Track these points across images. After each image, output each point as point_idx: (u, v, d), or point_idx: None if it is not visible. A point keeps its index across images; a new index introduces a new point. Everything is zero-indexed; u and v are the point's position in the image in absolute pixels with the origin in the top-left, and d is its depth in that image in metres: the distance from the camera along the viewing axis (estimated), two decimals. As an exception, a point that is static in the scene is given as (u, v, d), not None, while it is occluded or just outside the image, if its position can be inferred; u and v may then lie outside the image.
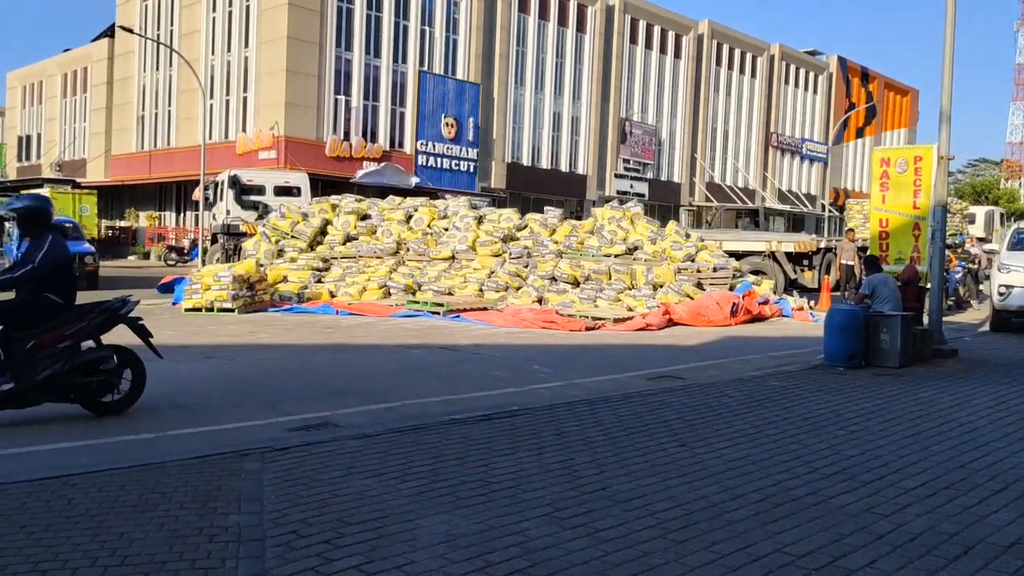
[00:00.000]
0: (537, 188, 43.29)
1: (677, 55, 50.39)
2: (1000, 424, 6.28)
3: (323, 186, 31.05)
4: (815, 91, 60.01)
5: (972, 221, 31.81)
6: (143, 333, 6.46)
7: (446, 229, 17.29)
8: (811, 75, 59.49)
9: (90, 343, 6.29)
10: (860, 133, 61.15)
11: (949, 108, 10.13)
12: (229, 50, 37.40)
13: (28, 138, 54.80)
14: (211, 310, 13.57)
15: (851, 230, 20.00)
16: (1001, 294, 13.05)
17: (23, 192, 32.54)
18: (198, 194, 27.88)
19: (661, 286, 14.73)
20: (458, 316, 13.74)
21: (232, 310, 13.50)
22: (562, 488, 4.40)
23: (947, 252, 14.82)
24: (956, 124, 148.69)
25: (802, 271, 19.83)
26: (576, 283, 15.22)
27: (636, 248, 15.95)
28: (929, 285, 10.62)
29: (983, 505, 4.21)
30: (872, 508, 4.13)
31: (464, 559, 3.39)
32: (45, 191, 33.89)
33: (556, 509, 4.05)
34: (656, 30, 49.05)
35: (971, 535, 3.78)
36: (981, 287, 20.75)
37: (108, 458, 5.02)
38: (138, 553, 3.44)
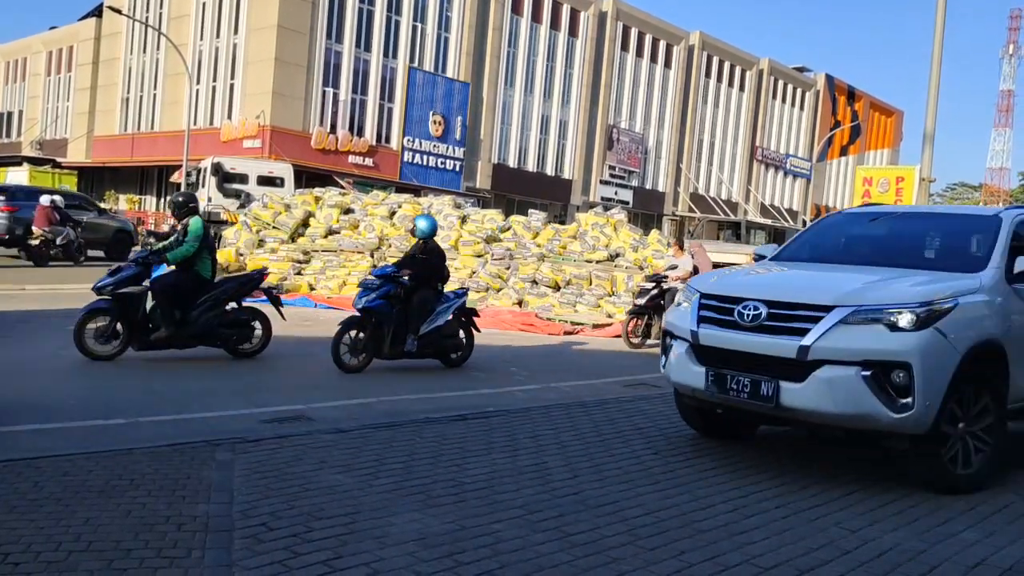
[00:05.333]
0: (522, 190, 43.32)
1: (667, 64, 50.65)
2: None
3: (307, 178, 30.88)
4: (801, 107, 60.54)
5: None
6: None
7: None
8: (798, 91, 60.01)
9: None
10: (844, 151, 61.80)
11: (933, 130, 10.26)
12: (218, 36, 37.13)
13: (9, 115, 54.08)
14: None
15: None
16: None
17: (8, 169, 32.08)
18: (178, 177, 27.66)
19: (641, 294, 14.75)
20: (437, 314, 13.70)
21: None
22: (534, 491, 4.40)
23: None
24: (938, 147, 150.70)
25: None
26: (557, 287, 15.24)
27: (618, 255, 15.99)
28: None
29: (950, 524, 4.26)
30: (840, 523, 4.16)
31: (434, 558, 3.38)
32: (24, 169, 33.52)
33: (528, 512, 4.04)
34: (648, 38, 49.28)
35: (937, 553, 3.82)
36: None
37: (76, 442, 4.96)
38: (103, 539, 3.40)
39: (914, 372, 4.47)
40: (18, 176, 32.24)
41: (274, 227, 16.85)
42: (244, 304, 8.59)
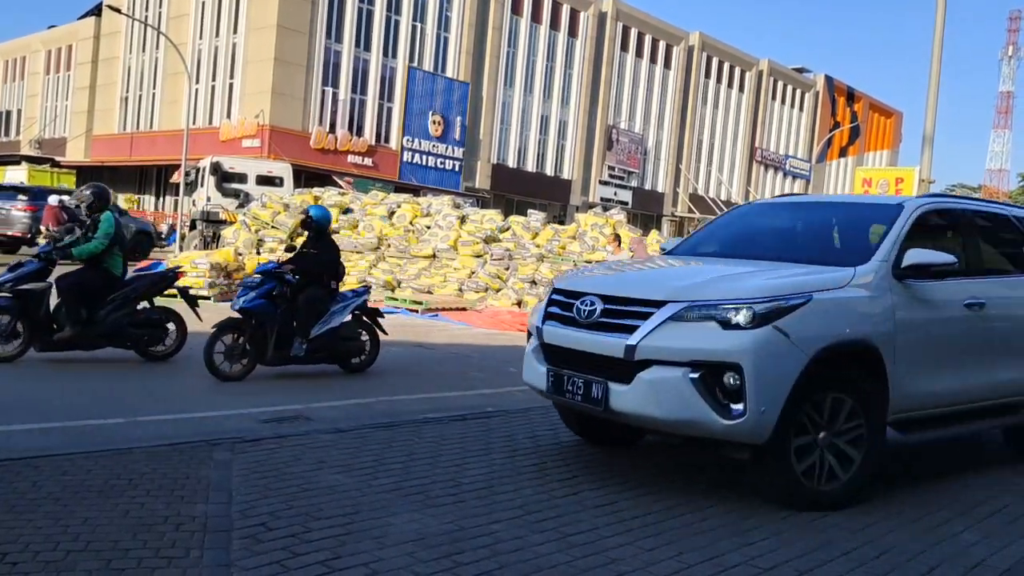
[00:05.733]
0: (521, 190, 43.32)
1: (667, 65, 50.66)
2: (967, 446, 6.35)
3: (306, 178, 30.87)
4: (801, 108, 60.57)
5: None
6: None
7: (428, 227, 17.25)
8: (798, 92, 60.03)
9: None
10: (843, 152, 61.81)
11: (932, 132, 10.26)
12: (217, 35, 37.12)
13: (8, 113, 54.04)
14: (187, 296, 13.38)
15: None
16: None
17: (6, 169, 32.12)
18: (177, 177, 27.64)
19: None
20: (436, 315, 13.72)
21: (208, 298, 13.35)
22: (533, 491, 4.40)
23: None
24: (938, 149, 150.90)
25: None
26: (556, 287, 15.21)
27: (617, 255, 15.97)
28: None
29: (948, 525, 4.26)
30: (839, 523, 4.16)
31: (432, 558, 3.38)
32: (23, 168, 33.48)
33: (527, 512, 4.04)
34: (647, 39, 49.29)
35: (935, 554, 3.82)
36: None
37: (75, 441, 4.95)
38: (101, 539, 3.40)
39: (745, 374, 4.02)
40: (17, 175, 32.19)
41: (273, 227, 16.84)
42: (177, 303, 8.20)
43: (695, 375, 4.09)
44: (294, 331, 7.55)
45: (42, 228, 17.39)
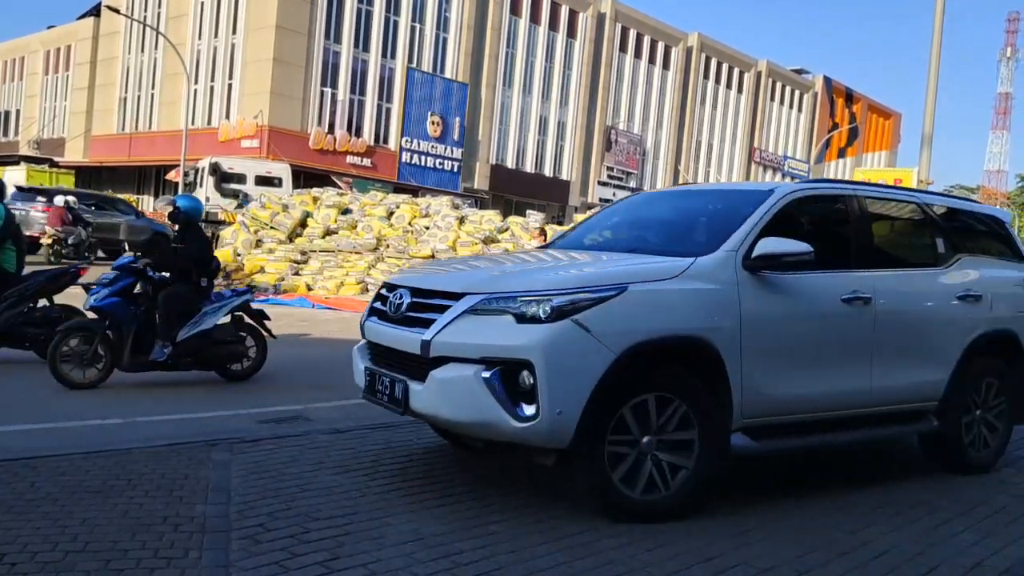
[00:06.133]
0: (520, 191, 43.35)
1: (666, 66, 50.71)
2: (966, 447, 6.35)
3: (305, 178, 30.88)
4: (799, 109, 60.63)
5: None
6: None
7: (427, 228, 17.25)
8: (796, 93, 60.10)
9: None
10: (842, 153, 61.89)
11: (931, 133, 10.27)
12: (216, 36, 37.12)
13: (7, 114, 54.01)
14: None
15: None
16: None
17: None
18: (175, 176, 27.64)
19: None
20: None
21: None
22: (531, 492, 4.40)
23: None
24: (936, 150, 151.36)
25: None
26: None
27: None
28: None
29: (946, 526, 4.26)
30: (838, 524, 4.16)
31: (431, 559, 3.38)
32: (22, 169, 33.47)
33: (524, 513, 4.04)
34: (646, 40, 49.33)
35: (933, 555, 3.82)
36: None
37: (73, 442, 4.95)
38: (100, 540, 3.39)
39: (537, 373, 3.65)
40: (15, 176, 32.17)
41: (272, 227, 16.84)
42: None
43: (487, 373, 3.72)
44: (157, 333, 6.88)
45: (47, 229, 17.45)
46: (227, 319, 7.30)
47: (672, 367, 4.04)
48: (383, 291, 4.58)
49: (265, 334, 7.50)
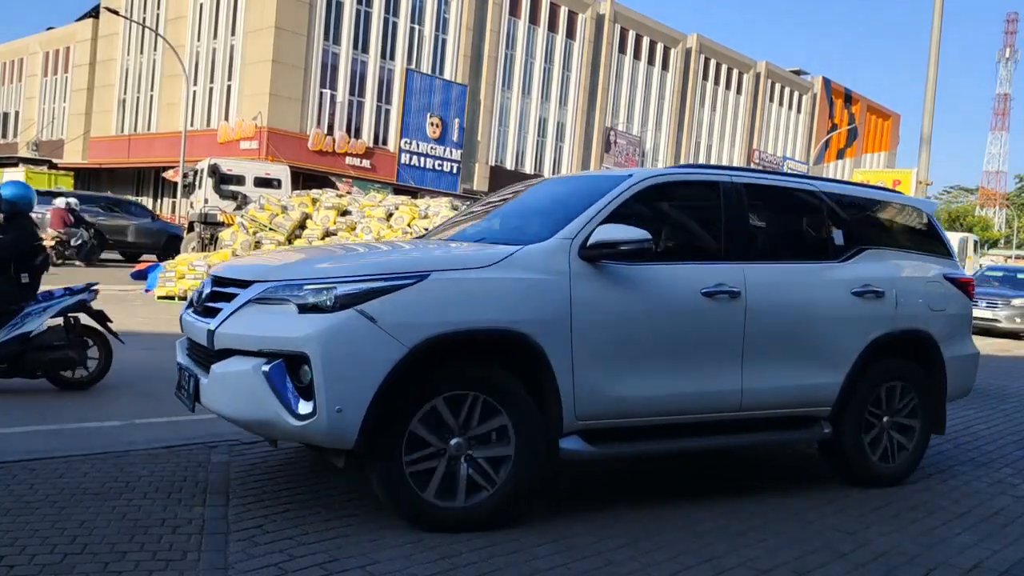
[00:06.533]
0: (519, 192, 43.29)
1: (665, 67, 50.75)
2: (965, 448, 6.35)
3: (304, 180, 30.88)
4: (799, 110, 60.68)
5: (946, 246, 32.27)
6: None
7: (426, 229, 17.26)
8: (795, 94, 60.15)
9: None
10: (841, 154, 61.94)
11: (930, 133, 10.28)
12: (215, 37, 37.13)
13: (5, 116, 54.01)
14: (184, 299, 13.42)
15: None
16: None
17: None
18: (173, 175, 27.65)
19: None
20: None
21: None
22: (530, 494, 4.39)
23: None
24: (935, 150, 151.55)
25: None
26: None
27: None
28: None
29: (945, 527, 4.26)
30: (837, 525, 4.16)
31: (430, 560, 3.38)
32: (21, 170, 33.47)
33: (524, 513, 4.04)
34: (645, 41, 49.37)
35: (932, 556, 3.82)
36: None
37: (72, 444, 4.94)
38: (99, 542, 3.39)
39: (313, 366, 3.40)
40: (14, 177, 32.20)
41: (271, 229, 16.84)
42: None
43: (267, 367, 3.47)
44: None
45: (49, 231, 17.53)
46: (58, 321, 6.54)
47: (481, 363, 3.72)
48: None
49: (110, 337, 6.76)
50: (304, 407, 3.44)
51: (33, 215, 7.12)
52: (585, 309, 3.86)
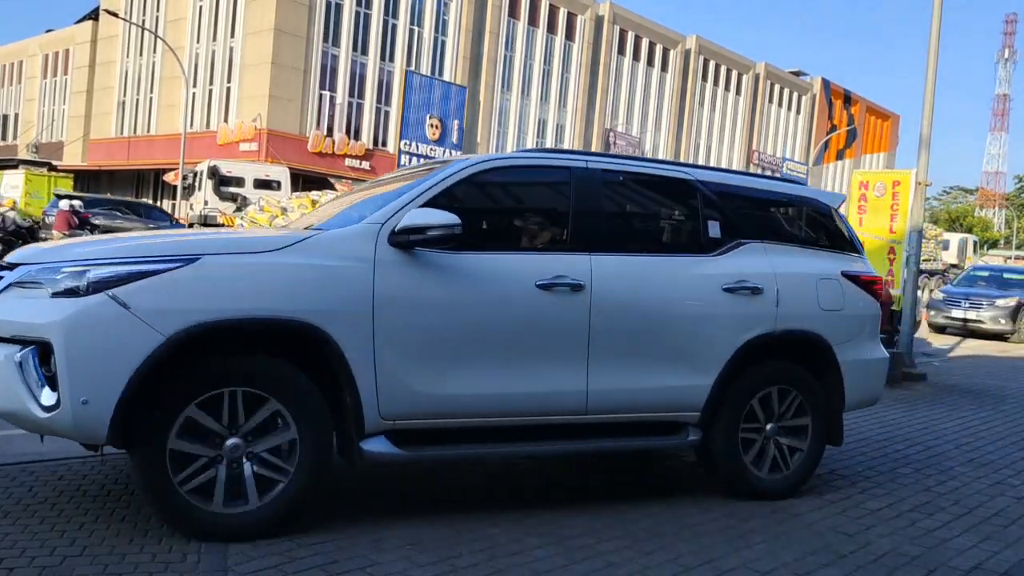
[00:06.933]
0: (519, 193, 43.28)
1: (664, 68, 50.74)
2: (965, 450, 6.35)
3: (304, 181, 30.88)
4: (798, 111, 60.69)
5: (946, 247, 32.39)
6: None
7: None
8: (795, 95, 60.16)
9: None
10: (840, 155, 61.92)
11: (929, 134, 10.28)
12: (214, 39, 37.13)
13: (4, 118, 53.97)
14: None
15: None
16: None
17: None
18: (174, 178, 27.63)
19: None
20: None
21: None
22: (532, 494, 4.40)
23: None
24: (935, 151, 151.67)
25: None
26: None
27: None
28: (901, 308, 10.75)
29: (946, 529, 4.26)
30: (836, 527, 4.16)
31: (430, 562, 3.38)
32: (20, 172, 33.46)
33: (524, 516, 4.04)
34: (644, 42, 49.37)
35: (933, 558, 3.82)
36: None
37: (71, 446, 4.93)
38: (98, 544, 3.39)
39: (56, 354, 3.19)
40: (14, 179, 32.17)
41: (271, 230, 16.84)
42: None
43: (19, 355, 3.24)
44: None
45: (54, 232, 17.60)
46: None
47: (269, 356, 3.50)
48: None
49: None
50: (48, 397, 3.21)
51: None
52: (392, 300, 3.60)
